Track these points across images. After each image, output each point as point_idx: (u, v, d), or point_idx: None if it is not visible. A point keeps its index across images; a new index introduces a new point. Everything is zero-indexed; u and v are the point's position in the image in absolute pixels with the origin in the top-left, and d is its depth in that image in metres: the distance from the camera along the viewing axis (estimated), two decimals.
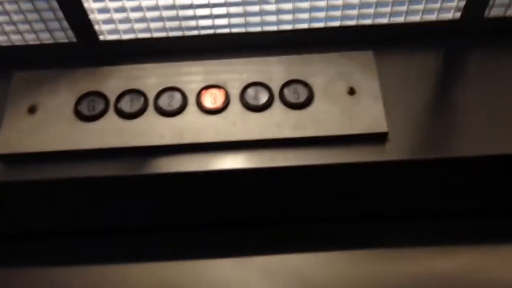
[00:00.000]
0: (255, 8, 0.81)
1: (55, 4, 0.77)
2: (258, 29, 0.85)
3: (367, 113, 0.79)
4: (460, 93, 0.81)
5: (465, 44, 0.86)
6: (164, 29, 0.84)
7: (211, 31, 0.85)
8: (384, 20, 0.84)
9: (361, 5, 0.82)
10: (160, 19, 0.82)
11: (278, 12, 0.82)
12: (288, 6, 0.81)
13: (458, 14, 0.83)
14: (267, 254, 0.89)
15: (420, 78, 0.83)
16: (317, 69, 0.83)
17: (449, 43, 0.86)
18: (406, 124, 0.79)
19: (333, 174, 0.80)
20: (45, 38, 0.84)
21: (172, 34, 0.85)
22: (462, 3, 0.81)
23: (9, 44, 0.84)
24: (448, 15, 0.84)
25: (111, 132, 0.79)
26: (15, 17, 0.80)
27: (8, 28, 0.82)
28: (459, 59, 0.85)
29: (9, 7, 0.79)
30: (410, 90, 0.82)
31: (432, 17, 0.84)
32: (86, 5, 0.78)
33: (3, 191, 0.80)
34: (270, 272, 0.88)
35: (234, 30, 0.85)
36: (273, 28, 0.85)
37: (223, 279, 0.88)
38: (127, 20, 0.82)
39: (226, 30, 0.85)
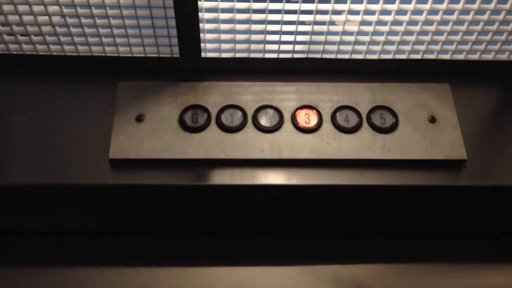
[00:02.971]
0: (350, 38, 0.89)
1: (173, 23, 0.83)
2: (347, 56, 0.92)
3: (447, 141, 0.87)
4: None
5: None
6: (261, 50, 0.91)
7: (304, 55, 0.92)
8: (461, 57, 0.93)
9: (445, 42, 0.90)
10: (261, 41, 0.89)
11: (370, 43, 0.90)
12: (380, 38, 0.89)
13: None
14: (334, 264, 0.97)
15: (492, 111, 0.92)
16: (400, 97, 0.91)
17: None
18: (481, 152, 0.87)
19: (414, 195, 0.88)
20: (150, 51, 0.90)
21: (268, 56, 0.92)
22: None
23: (116, 54, 0.90)
24: None
25: (214, 144, 0.85)
26: (130, 31, 0.86)
27: (119, 40, 0.88)
28: None
29: (128, 22, 0.85)
30: (484, 121, 0.91)
31: (503, 56, 0.93)
32: (201, 25, 0.84)
33: (112, 193, 0.85)
34: (336, 281, 0.95)
35: (325, 56, 0.92)
36: (360, 56, 0.92)
37: (292, 285, 0.95)
38: (231, 41, 0.89)
39: (318, 55, 0.92)
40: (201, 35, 0.86)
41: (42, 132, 0.86)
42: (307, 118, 0.88)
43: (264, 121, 0.88)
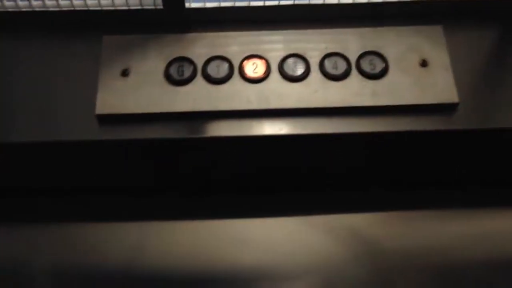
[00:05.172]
0: None
1: None
2: (335, 1, 0.89)
3: (438, 84, 0.85)
4: None
5: None
6: None
7: (290, 2, 0.89)
8: None
9: None
10: None
11: None
12: None
13: None
14: (329, 214, 0.97)
15: (487, 52, 0.89)
16: (390, 42, 0.89)
17: None
18: (475, 95, 0.85)
19: (406, 141, 0.86)
20: (133, 3, 0.88)
21: (253, 3, 0.89)
22: None
23: (98, 8, 0.88)
24: None
25: (200, 96, 0.84)
26: None
27: None
28: None
29: None
30: (478, 63, 0.88)
31: None
32: None
33: (99, 149, 0.85)
34: (331, 230, 0.95)
35: (313, 1, 0.89)
36: (349, 0, 0.90)
37: (286, 237, 0.95)
38: None
39: (305, 1, 0.89)
40: None
41: (27, 90, 0.85)
42: (294, 67, 0.87)
43: (250, 71, 0.86)
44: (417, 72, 0.86)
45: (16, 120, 0.83)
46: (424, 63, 0.86)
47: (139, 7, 0.89)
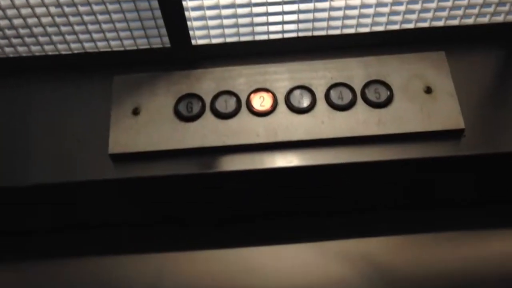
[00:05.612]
0: (339, 13, 0.88)
1: (158, 13, 0.84)
2: (337, 32, 0.91)
3: (444, 111, 0.86)
4: None
5: None
6: (251, 33, 0.90)
7: (294, 35, 0.91)
8: (455, 22, 0.91)
9: (437, 9, 0.88)
10: (250, 24, 0.89)
11: (359, 16, 0.88)
12: (370, 11, 0.87)
13: None
14: (341, 239, 0.98)
15: (490, 77, 0.90)
16: (394, 69, 0.90)
17: None
18: (480, 120, 0.86)
19: (413, 168, 0.87)
20: (142, 43, 0.91)
21: (257, 38, 0.91)
22: None
23: (109, 49, 0.91)
24: None
25: (210, 132, 0.86)
26: (118, 25, 0.87)
27: (109, 35, 0.89)
28: None
29: (114, 16, 0.85)
30: (482, 88, 0.89)
31: (499, 18, 0.91)
32: (186, 13, 0.84)
33: (114, 187, 0.88)
34: (346, 256, 0.96)
35: (316, 33, 0.91)
36: (352, 30, 0.91)
37: (299, 264, 0.97)
38: (218, 26, 0.88)
39: (309, 34, 0.91)
40: (189, 23, 0.86)
41: (41, 133, 0.88)
42: (300, 98, 0.88)
43: (258, 104, 0.88)
44: (422, 99, 0.87)
45: (32, 163, 0.85)
46: (428, 90, 0.88)
47: (147, 47, 0.91)
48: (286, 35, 0.91)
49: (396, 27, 0.91)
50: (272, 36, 0.91)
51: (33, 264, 0.97)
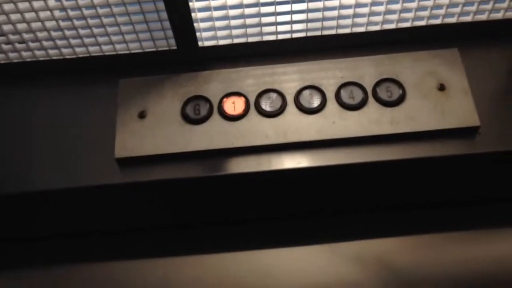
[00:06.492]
0: (349, 12, 0.86)
1: (165, 15, 0.82)
2: (347, 30, 0.89)
3: (458, 108, 0.84)
4: None
5: None
6: (259, 33, 0.89)
7: (303, 34, 0.89)
8: (468, 18, 0.88)
9: (449, 5, 0.86)
10: (257, 24, 0.87)
11: (370, 14, 0.86)
12: (380, 8, 0.85)
13: None
14: (355, 240, 0.95)
15: (504, 73, 0.87)
16: (406, 67, 0.88)
17: None
18: (495, 117, 0.84)
19: (428, 166, 0.85)
20: (148, 46, 0.89)
21: (266, 38, 0.90)
22: None
23: (114, 52, 0.90)
24: None
25: (218, 134, 0.84)
26: (124, 28, 0.86)
27: (114, 38, 0.87)
28: None
29: (120, 19, 0.84)
30: (496, 84, 0.86)
31: None
32: (193, 15, 0.83)
33: (120, 192, 0.86)
34: (358, 258, 0.94)
35: (325, 32, 0.89)
36: (362, 29, 0.89)
37: (312, 266, 0.94)
38: (226, 27, 0.87)
39: (318, 33, 0.89)
40: (195, 24, 0.85)
41: (47, 137, 0.86)
42: (310, 99, 0.86)
43: (267, 105, 0.86)
44: (436, 97, 0.85)
45: (38, 168, 0.84)
46: (442, 87, 0.85)
47: (153, 49, 0.90)
48: (295, 35, 0.90)
49: (407, 24, 0.89)
50: (281, 36, 0.90)
51: (38, 270, 0.95)
